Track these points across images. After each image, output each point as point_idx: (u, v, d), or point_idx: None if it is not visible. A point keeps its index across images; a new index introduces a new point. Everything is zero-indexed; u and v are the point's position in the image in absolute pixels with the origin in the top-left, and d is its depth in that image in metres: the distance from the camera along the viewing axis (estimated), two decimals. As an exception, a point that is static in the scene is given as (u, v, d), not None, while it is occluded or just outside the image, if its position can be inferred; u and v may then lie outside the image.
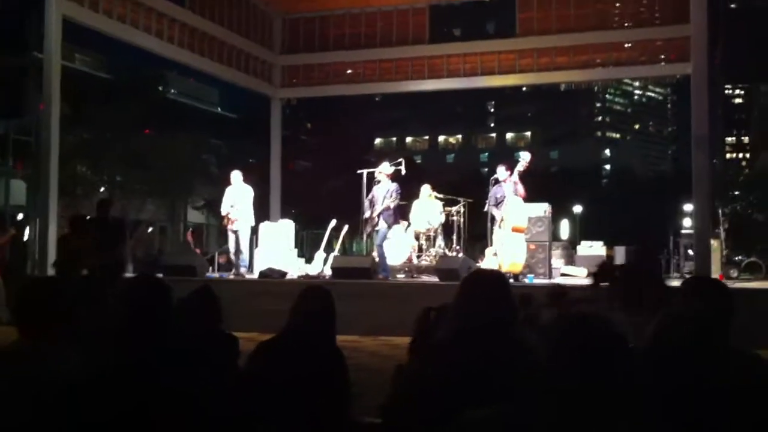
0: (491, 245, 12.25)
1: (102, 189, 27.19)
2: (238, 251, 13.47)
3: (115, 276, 9.44)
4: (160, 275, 9.33)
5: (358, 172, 14.02)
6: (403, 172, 13.71)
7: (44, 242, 12.01)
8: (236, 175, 13.65)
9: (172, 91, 38.65)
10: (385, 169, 12.96)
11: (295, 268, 13.93)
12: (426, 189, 14.16)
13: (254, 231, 14.29)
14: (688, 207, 18.55)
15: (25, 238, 21.89)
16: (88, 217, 11.19)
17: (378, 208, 12.62)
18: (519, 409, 1.88)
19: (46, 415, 2.51)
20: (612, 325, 2.16)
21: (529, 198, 12.25)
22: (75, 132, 24.75)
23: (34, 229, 16.83)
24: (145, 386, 2.43)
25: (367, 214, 12.89)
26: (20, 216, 27.34)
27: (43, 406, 2.51)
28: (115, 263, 9.90)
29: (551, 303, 5.69)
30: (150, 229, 30.68)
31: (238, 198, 13.40)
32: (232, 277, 13.46)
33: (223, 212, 13.56)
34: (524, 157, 11.95)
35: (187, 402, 2.47)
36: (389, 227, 12.76)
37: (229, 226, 13.46)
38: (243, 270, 13.45)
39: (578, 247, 16.71)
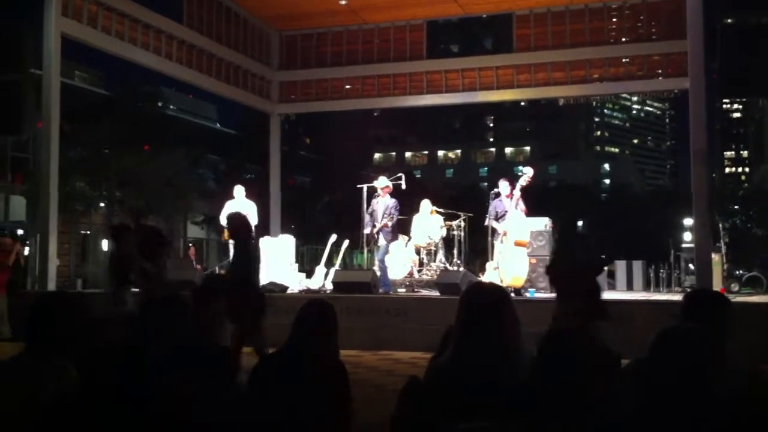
0: (492, 259, 12.24)
1: (102, 204, 27.22)
2: None
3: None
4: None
5: (358, 186, 14.02)
6: (403, 186, 13.71)
7: (44, 258, 11.99)
8: (239, 190, 13.65)
9: (171, 107, 38.77)
10: (383, 183, 12.95)
11: (295, 282, 13.91)
12: (426, 204, 14.16)
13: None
14: (688, 221, 18.56)
15: (25, 253, 21.84)
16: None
17: (377, 225, 12.62)
18: (505, 424, 1.87)
19: (42, 428, 2.49)
20: (599, 339, 2.17)
21: (529, 213, 12.24)
22: (74, 148, 24.81)
23: (34, 245, 16.78)
24: (142, 402, 2.41)
25: (368, 230, 12.87)
26: (20, 232, 27.32)
27: (38, 422, 2.49)
28: None
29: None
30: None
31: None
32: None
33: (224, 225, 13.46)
34: (527, 172, 11.91)
35: (184, 416, 2.46)
36: (388, 243, 12.76)
37: (231, 241, 13.38)
38: None
39: (578, 262, 16.65)
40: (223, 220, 13.49)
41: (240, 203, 13.48)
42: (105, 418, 2.34)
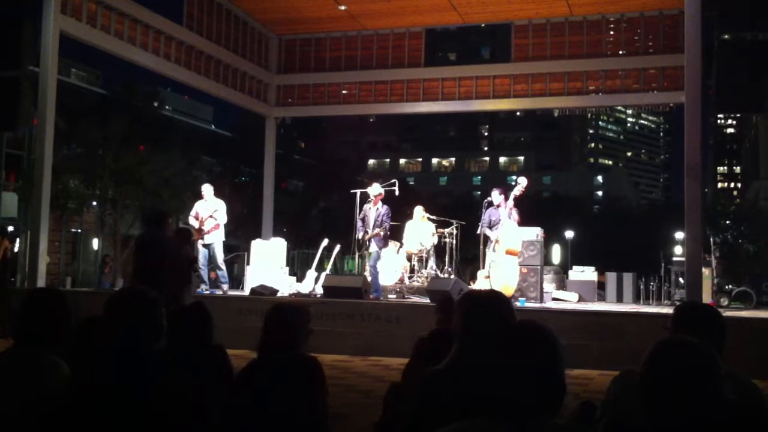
0: (483, 268, 12.25)
1: (94, 203, 27.13)
2: (216, 266, 13.34)
3: None
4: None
5: (352, 191, 14.03)
6: (397, 193, 13.73)
7: (34, 255, 11.96)
8: (207, 189, 13.44)
9: (167, 107, 38.63)
10: (376, 191, 12.94)
11: (286, 286, 13.89)
12: (419, 210, 14.18)
13: (242, 249, 14.21)
14: (679, 235, 18.63)
15: (15, 249, 21.77)
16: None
17: (369, 232, 12.63)
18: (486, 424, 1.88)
19: (35, 424, 2.48)
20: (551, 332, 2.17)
21: (522, 223, 12.27)
22: (68, 146, 24.75)
23: (25, 242, 16.71)
24: (136, 398, 2.41)
25: (359, 235, 12.89)
26: (11, 228, 27.22)
27: (33, 416, 2.49)
28: None
29: None
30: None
31: (210, 212, 13.19)
32: (207, 292, 13.06)
33: (196, 225, 13.17)
34: (521, 182, 11.96)
35: (182, 415, 2.46)
36: (380, 250, 12.78)
37: (200, 240, 13.13)
38: (225, 287, 13.31)
39: (570, 272, 16.72)
40: (192, 221, 13.30)
41: (209, 202, 13.31)
42: (100, 416, 2.34)
